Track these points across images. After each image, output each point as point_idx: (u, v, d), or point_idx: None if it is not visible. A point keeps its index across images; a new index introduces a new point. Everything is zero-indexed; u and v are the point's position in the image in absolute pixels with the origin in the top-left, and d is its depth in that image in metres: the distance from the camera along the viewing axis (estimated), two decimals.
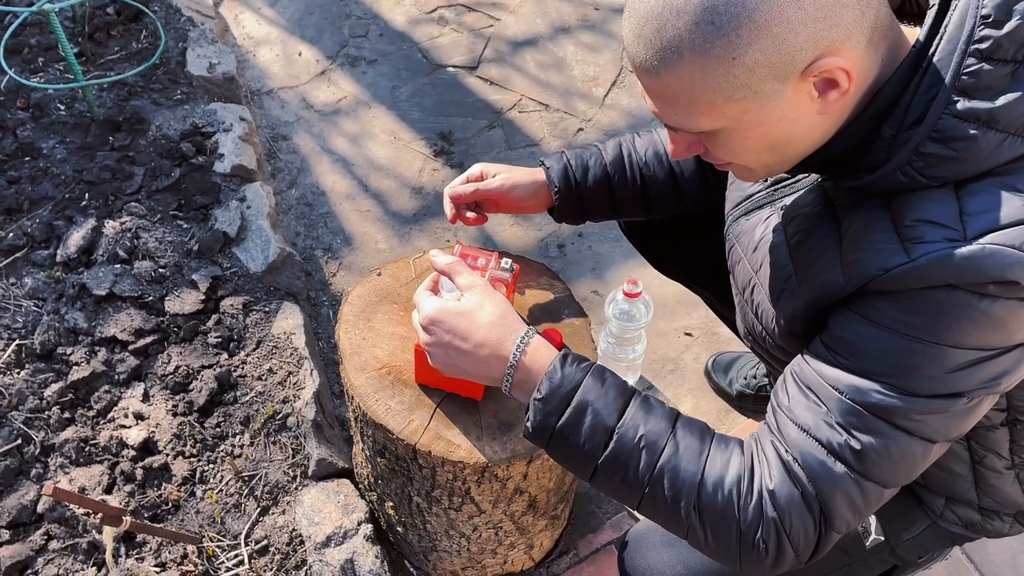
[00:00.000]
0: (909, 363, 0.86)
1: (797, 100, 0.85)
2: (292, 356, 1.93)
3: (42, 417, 1.76)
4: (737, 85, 0.83)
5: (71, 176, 2.22)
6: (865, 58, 0.84)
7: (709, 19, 0.79)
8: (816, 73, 0.82)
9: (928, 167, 0.84)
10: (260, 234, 2.16)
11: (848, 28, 0.80)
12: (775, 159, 0.95)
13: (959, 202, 0.83)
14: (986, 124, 0.81)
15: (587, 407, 0.97)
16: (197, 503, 1.70)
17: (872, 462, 0.89)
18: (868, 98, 0.88)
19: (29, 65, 2.52)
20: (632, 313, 1.94)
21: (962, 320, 0.83)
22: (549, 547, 1.79)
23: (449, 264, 1.13)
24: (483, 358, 1.05)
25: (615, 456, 0.96)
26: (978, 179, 0.83)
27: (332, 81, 2.97)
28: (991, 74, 0.80)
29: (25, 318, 1.93)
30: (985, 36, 0.80)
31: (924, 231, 0.83)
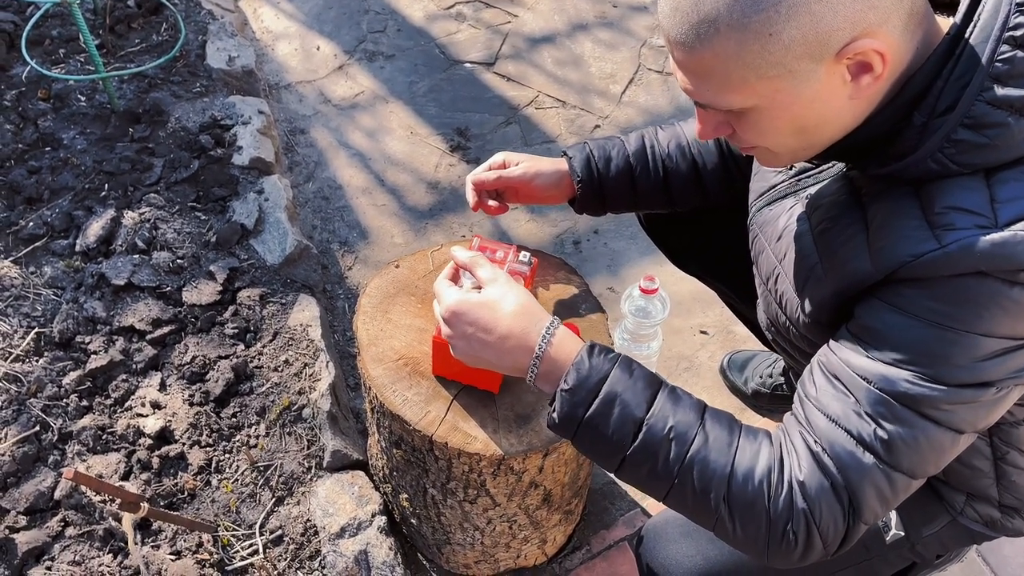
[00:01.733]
0: (939, 352, 0.85)
1: (830, 82, 0.84)
2: (308, 348, 1.93)
3: (60, 405, 1.78)
4: (772, 63, 0.82)
5: (91, 167, 2.24)
6: (900, 43, 0.83)
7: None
8: (851, 55, 0.81)
9: (959, 154, 0.84)
10: (277, 227, 2.17)
11: (886, 11, 0.80)
12: (802, 144, 0.94)
13: (990, 190, 0.83)
14: (1019, 111, 0.81)
15: (616, 398, 0.96)
16: (213, 492, 1.71)
17: (901, 452, 0.88)
18: (900, 85, 0.87)
19: (50, 56, 2.54)
20: (648, 309, 1.93)
21: (992, 308, 0.82)
22: (562, 542, 1.79)
23: (470, 258, 1.13)
24: (508, 349, 1.03)
25: (644, 447, 0.95)
26: (1009, 167, 0.83)
27: (350, 76, 2.97)
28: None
29: (44, 306, 1.94)
30: (1021, 23, 0.80)
31: (954, 218, 0.83)
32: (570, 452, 1.43)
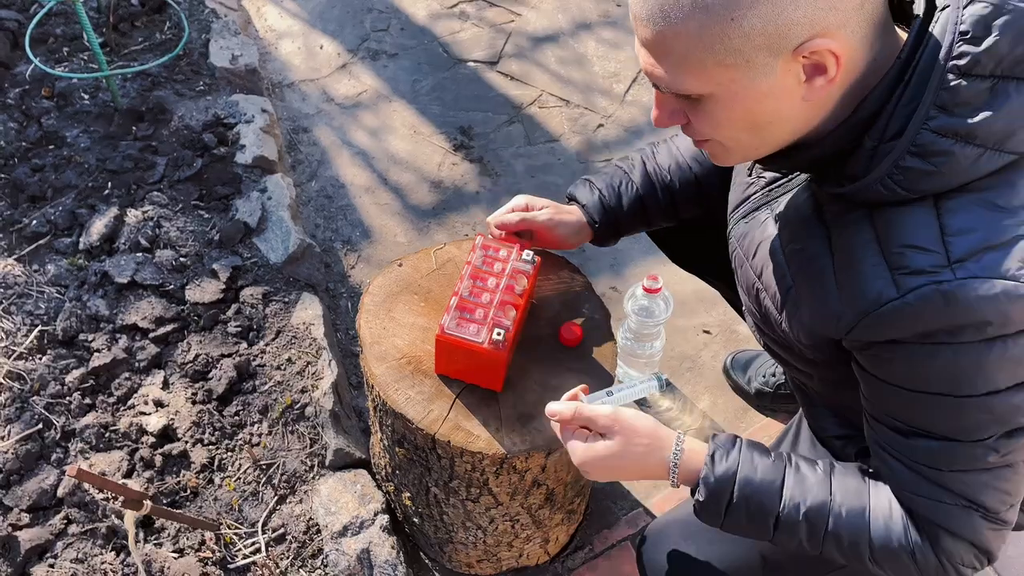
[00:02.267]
0: (958, 422, 0.92)
1: (785, 79, 0.85)
2: (311, 346, 1.93)
3: (63, 402, 1.78)
4: (731, 49, 0.83)
5: (94, 165, 2.24)
6: (857, 50, 0.84)
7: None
8: (807, 53, 0.82)
9: (908, 180, 0.86)
10: (280, 225, 2.17)
11: (846, 15, 0.81)
12: (753, 140, 0.95)
13: (940, 220, 0.85)
14: (964, 139, 0.82)
15: (746, 501, 1.03)
16: (215, 490, 1.71)
17: (995, 500, 0.95)
18: (853, 102, 0.89)
19: (54, 54, 2.54)
20: (651, 309, 1.93)
21: (982, 370, 0.86)
22: (565, 542, 1.79)
23: (574, 412, 1.12)
24: (647, 476, 1.12)
25: (783, 532, 1.04)
26: (958, 192, 0.85)
27: (353, 74, 2.97)
28: (969, 90, 0.81)
29: (48, 304, 1.94)
30: (963, 52, 0.81)
31: (910, 258, 0.86)
32: None
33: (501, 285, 1.35)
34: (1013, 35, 0.80)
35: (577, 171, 2.67)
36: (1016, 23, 0.80)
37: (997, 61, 0.81)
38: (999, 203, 0.84)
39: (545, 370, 1.41)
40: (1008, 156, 0.83)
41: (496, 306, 1.32)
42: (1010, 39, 0.80)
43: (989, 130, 0.81)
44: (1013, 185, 0.85)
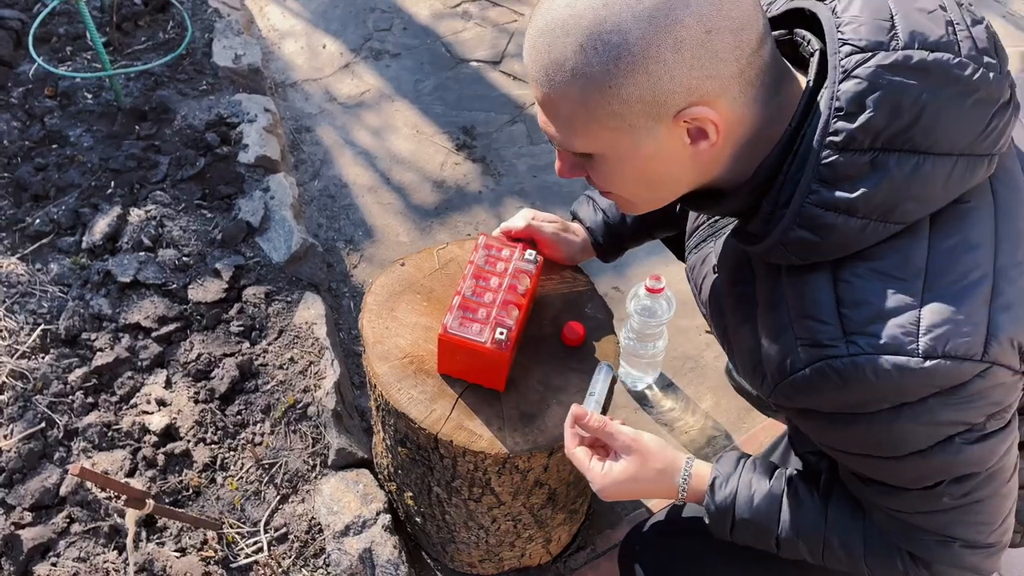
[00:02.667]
0: (898, 476, 0.94)
1: (670, 142, 0.86)
2: (313, 346, 1.93)
3: (66, 401, 1.78)
4: (612, 113, 0.84)
5: (97, 164, 2.24)
6: (741, 114, 0.85)
7: (592, 44, 0.80)
8: (688, 119, 0.83)
9: (798, 249, 0.87)
10: (283, 225, 2.17)
11: (724, 83, 0.82)
12: (652, 195, 0.97)
13: (836, 289, 0.86)
14: (846, 212, 0.82)
15: (745, 524, 1.09)
16: (217, 490, 1.71)
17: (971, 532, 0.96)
18: (755, 158, 0.89)
19: (57, 54, 2.55)
20: (654, 309, 1.93)
21: (898, 435, 0.88)
22: (567, 541, 1.79)
23: (599, 425, 1.16)
24: (658, 495, 1.18)
25: (786, 550, 1.09)
26: (853, 260, 0.86)
27: (356, 74, 2.97)
28: (848, 165, 0.82)
29: (50, 303, 1.94)
30: (839, 129, 0.81)
31: (810, 329, 0.87)
32: None
33: (504, 285, 1.35)
34: (888, 110, 0.80)
35: None
36: (890, 98, 0.80)
37: (874, 136, 0.81)
38: (892, 273, 0.84)
39: (548, 370, 1.41)
40: (895, 226, 0.84)
41: (499, 306, 1.32)
42: (885, 114, 0.80)
43: (870, 203, 0.82)
44: (905, 253, 0.84)
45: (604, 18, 0.79)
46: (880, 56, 0.81)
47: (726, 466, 1.13)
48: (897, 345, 0.82)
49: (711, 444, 2.03)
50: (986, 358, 0.82)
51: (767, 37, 0.84)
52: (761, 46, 0.83)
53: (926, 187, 0.82)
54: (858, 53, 0.82)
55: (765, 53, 0.84)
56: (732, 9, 0.80)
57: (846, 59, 0.82)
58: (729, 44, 0.80)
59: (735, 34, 0.80)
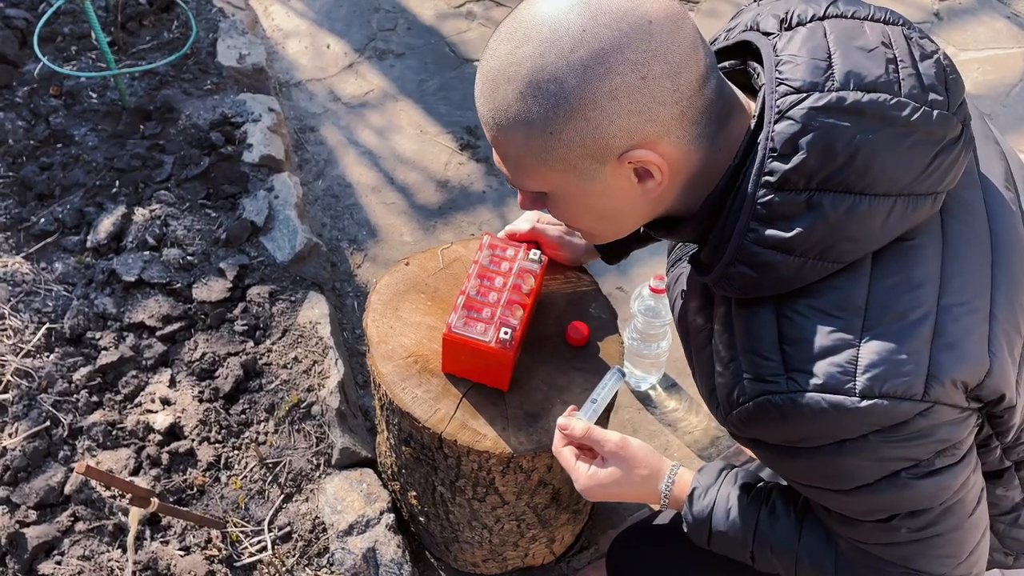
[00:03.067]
0: (851, 507, 0.93)
1: (617, 182, 0.87)
2: (317, 345, 1.93)
3: (70, 400, 1.78)
4: (556, 158, 0.85)
5: (102, 163, 2.25)
6: (690, 150, 0.86)
7: (532, 92, 0.82)
8: (631, 160, 0.84)
9: (740, 284, 0.87)
10: (287, 224, 2.17)
11: (665, 125, 0.82)
12: (609, 228, 0.99)
13: (779, 324, 0.86)
14: (783, 251, 0.82)
15: (720, 536, 1.10)
16: (221, 489, 1.71)
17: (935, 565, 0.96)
18: (704, 190, 0.89)
19: (62, 53, 2.55)
20: (658, 309, 1.93)
21: (843, 469, 0.88)
22: (570, 542, 1.79)
23: (584, 432, 1.16)
24: (641, 499, 1.18)
25: (759, 563, 1.10)
26: (796, 296, 0.85)
27: (360, 74, 2.98)
28: (783, 205, 0.82)
29: (55, 302, 1.95)
30: (774, 169, 0.81)
31: (754, 364, 0.87)
32: None
33: (508, 284, 1.35)
34: (821, 152, 0.80)
35: None
36: (823, 139, 0.80)
37: (808, 177, 0.81)
38: (831, 311, 0.83)
39: (552, 369, 1.41)
40: (834, 265, 0.83)
41: (503, 305, 1.32)
42: (818, 156, 0.80)
43: (807, 242, 0.82)
44: (846, 291, 0.84)
45: (541, 67, 0.81)
46: (814, 97, 0.81)
47: (707, 477, 1.14)
48: (834, 384, 0.82)
49: (714, 444, 2.03)
50: (927, 398, 0.81)
51: (710, 75, 0.85)
52: (703, 85, 0.83)
53: (863, 227, 0.82)
54: (793, 94, 0.82)
55: (708, 91, 0.84)
56: (668, 54, 0.80)
57: (781, 99, 0.82)
58: (667, 88, 0.81)
59: (672, 78, 0.81)
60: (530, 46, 0.81)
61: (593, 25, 0.79)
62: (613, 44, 0.79)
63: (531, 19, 0.82)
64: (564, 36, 0.80)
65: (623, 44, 0.79)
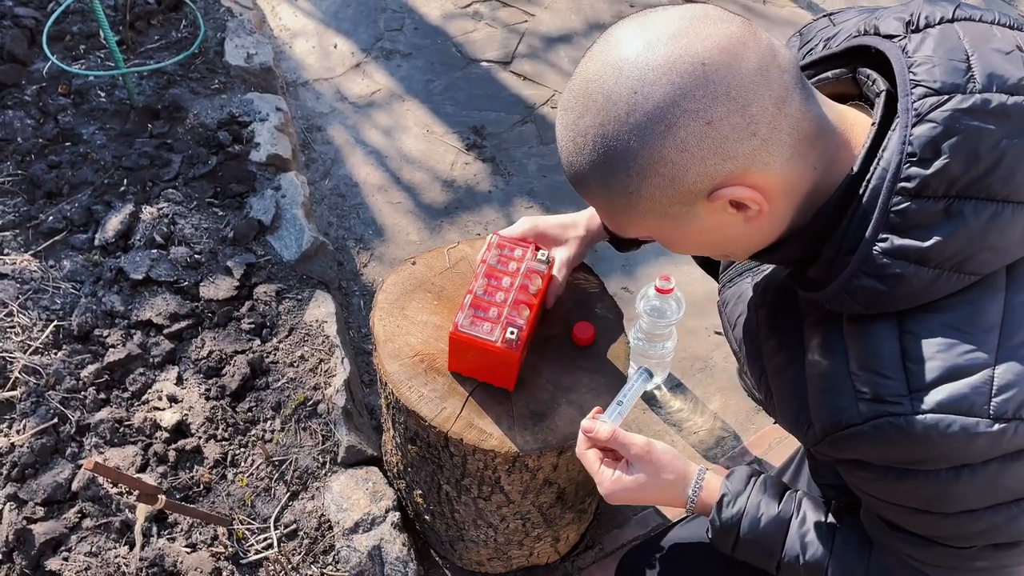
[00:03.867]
0: (939, 531, 0.90)
1: (714, 216, 0.84)
2: (324, 344, 1.94)
3: (78, 397, 1.79)
4: (644, 210, 0.84)
5: (110, 162, 2.26)
6: (785, 174, 0.82)
7: (602, 160, 0.81)
8: (721, 198, 0.81)
9: (863, 299, 0.83)
10: (294, 223, 2.18)
11: (747, 158, 0.79)
12: (727, 251, 0.95)
13: (902, 342, 0.82)
14: (917, 262, 0.78)
15: (748, 544, 1.09)
16: (228, 486, 1.72)
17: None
18: (811, 206, 0.86)
19: (71, 52, 2.56)
20: (663, 309, 1.93)
21: (952, 494, 0.84)
22: (575, 541, 1.79)
23: (611, 437, 1.14)
24: (666, 504, 1.18)
25: (784, 572, 1.09)
26: (922, 311, 0.82)
27: (367, 74, 2.98)
28: (921, 212, 0.78)
29: (63, 300, 1.96)
30: (912, 175, 0.77)
31: (871, 383, 0.83)
32: None
33: (515, 284, 1.35)
34: (965, 156, 0.76)
35: None
36: (968, 143, 0.76)
37: (949, 183, 0.77)
38: (963, 327, 0.80)
39: (558, 369, 1.42)
40: (969, 277, 0.80)
41: (510, 305, 1.32)
42: (962, 161, 0.76)
43: (944, 252, 0.78)
44: (977, 307, 0.80)
45: (603, 135, 0.80)
46: (957, 99, 0.77)
47: (736, 483, 1.12)
48: (967, 405, 0.78)
49: (720, 445, 2.03)
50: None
51: (790, 93, 0.80)
52: (783, 106, 0.79)
53: (1004, 236, 0.78)
54: (933, 95, 0.78)
55: (792, 110, 0.80)
56: (730, 90, 0.76)
57: (919, 101, 0.78)
58: (738, 124, 0.77)
59: (742, 113, 0.77)
60: (590, 116, 0.81)
61: (643, 85, 0.77)
62: (668, 99, 0.76)
63: (586, 87, 0.81)
64: (619, 102, 0.78)
65: (679, 96, 0.76)
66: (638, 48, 0.78)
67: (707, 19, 0.79)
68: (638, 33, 0.79)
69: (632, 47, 0.79)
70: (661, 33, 0.78)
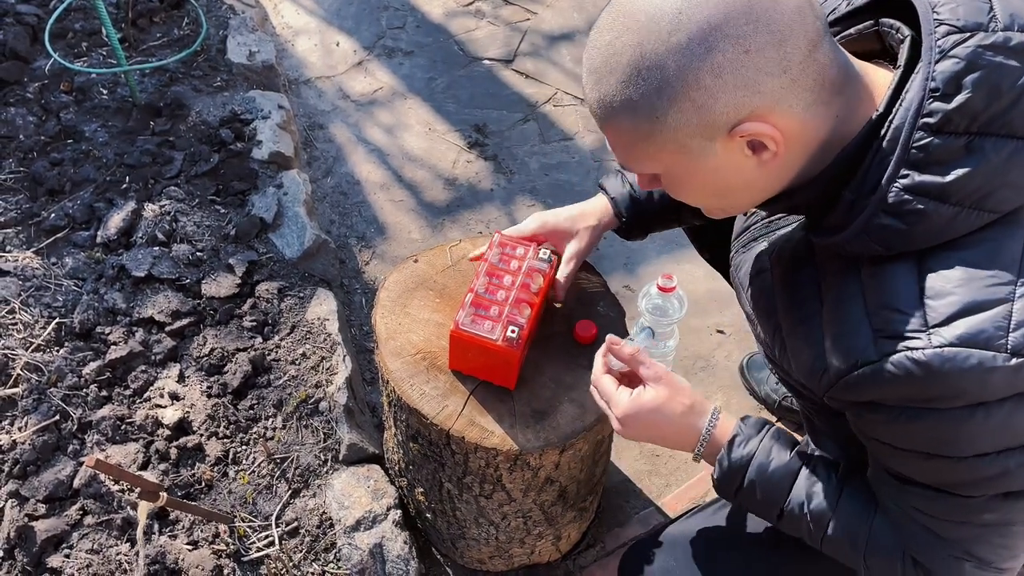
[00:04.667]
0: (949, 477, 0.90)
1: (730, 156, 0.86)
2: (325, 342, 1.94)
3: (80, 394, 1.79)
4: (665, 140, 0.85)
5: (112, 159, 2.26)
6: (805, 120, 0.83)
7: (634, 80, 0.82)
8: (743, 134, 0.82)
9: (883, 238, 0.84)
10: (296, 221, 2.18)
11: (774, 95, 0.80)
12: (726, 203, 0.97)
13: (920, 279, 0.83)
14: (937, 198, 0.79)
15: (754, 488, 1.07)
16: (229, 484, 1.72)
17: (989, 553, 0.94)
18: (828, 155, 0.87)
19: (73, 49, 2.56)
20: (665, 308, 1.92)
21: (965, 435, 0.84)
22: (576, 539, 1.79)
23: (631, 355, 1.14)
24: (677, 440, 1.13)
25: (787, 522, 1.08)
26: (941, 249, 0.82)
27: (369, 72, 2.98)
28: (942, 148, 0.79)
29: (65, 297, 1.96)
30: (934, 110, 0.79)
31: (889, 320, 0.84)
32: (586, 449, 1.43)
33: (517, 283, 1.35)
34: (987, 91, 0.78)
35: (591, 169, 2.67)
36: (989, 79, 0.78)
37: (971, 118, 0.78)
38: (983, 264, 0.81)
39: (559, 367, 1.42)
40: (988, 215, 0.81)
41: (511, 304, 1.32)
42: (983, 96, 0.78)
43: (964, 189, 0.79)
44: (997, 244, 0.82)
45: (641, 55, 0.81)
46: (980, 36, 0.79)
47: (750, 427, 1.10)
48: (984, 339, 0.78)
49: None
50: None
51: (821, 40, 0.82)
52: (814, 50, 0.81)
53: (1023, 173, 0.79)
54: (956, 33, 0.79)
55: (821, 56, 0.81)
56: (771, 23, 0.78)
57: (943, 39, 0.80)
58: (773, 59, 0.79)
59: (778, 47, 0.79)
60: (629, 35, 0.81)
61: (688, 6, 0.78)
62: (711, 22, 0.78)
63: (628, 6, 0.82)
64: (661, 20, 0.79)
65: (722, 20, 0.78)
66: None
67: None
68: None
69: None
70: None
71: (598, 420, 1.36)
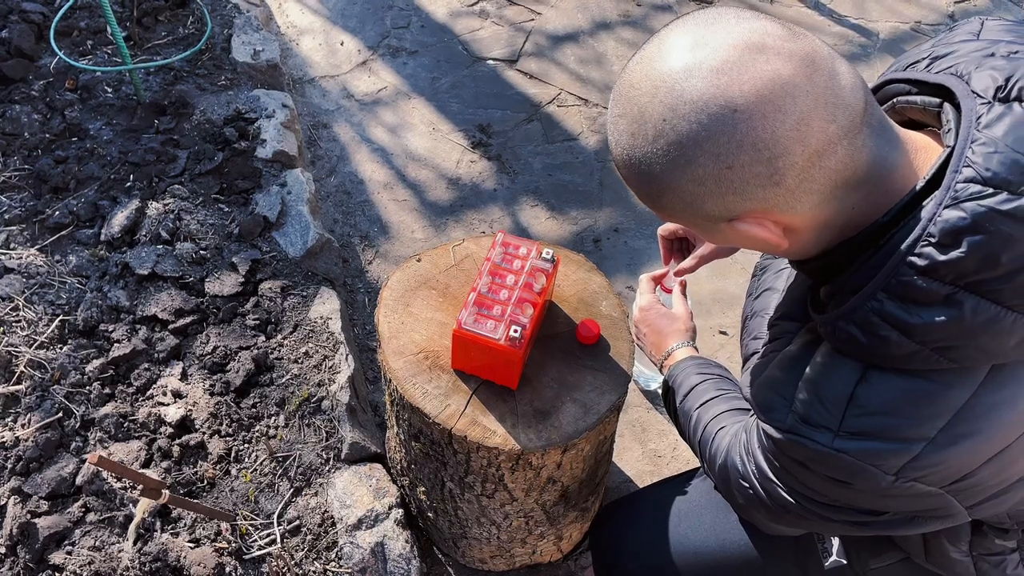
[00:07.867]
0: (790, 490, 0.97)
1: (737, 233, 0.83)
2: (328, 340, 1.94)
3: (83, 392, 1.79)
4: (669, 214, 0.85)
5: (117, 157, 2.26)
6: (815, 214, 0.80)
7: (629, 168, 0.83)
8: (743, 223, 0.81)
9: (843, 341, 0.82)
10: (299, 219, 2.18)
11: (769, 201, 0.77)
12: (769, 251, 0.94)
13: (856, 387, 0.82)
14: (903, 332, 0.77)
15: (674, 388, 1.32)
16: (232, 482, 1.72)
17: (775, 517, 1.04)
18: (837, 238, 0.84)
19: (78, 47, 2.57)
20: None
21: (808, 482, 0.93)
22: (578, 539, 1.79)
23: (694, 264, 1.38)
24: (656, 346, 1.41)
25: (681, 417, 1.30)
26: (892, 369, 0.81)
27: (373, 71, 2.98)
28: (923, 291, 0.75)
29: (69, 294, 1.96)
30: (925, 254, 0.74)
31: (809, 406, 0.86)
32: (588, 448, 1.43)
33: (520, 283, 1.35)
34: (982, 257, 0.72)
35: (595, 170, 2.67)
36: (990, 245, 0.71)
37: (958, 275, 0.73)
38: (920, 402, 0.79)
39: (562, 367, 1.42)
40: (949, 363, 0.77)
41: (514, 303, 1.32)
42: (978, 260, 0.72)
43: (930, 335, 0.75)
44: (945, 389, 0.79)
45: (632, 147, 0.80)
46: (1000, 198, 0.71)
47: (695, 356, 1.35)
48: (879, 461, 0.82)
49: None
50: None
51: (836, 144, 0.75)
52: (821, 159, 0.75)
53: (997, 341, 0.75)
54: (978, 184, 0.73)
55: (832, 162, 0.76)
56: (757, 142, 0.74)
57: (962, 185, 0.73)
58: (761, 173, 0.75)
59: (767, 163, 0.74)
60: (624, 121, 0.81)
61: (672, 116, 0.76)
62: (691, 137, 0.75)
63: (628, 92, 0.80)
64: (647, 123, 0.78)
65: (702, 137, 0.74)
66: (679, 71, 0.76)
67: (762, 52, 0.74)
68: (688, 51, 0.76)
69: (676, 65, 0.76)
70: (707, 61, 0.74)
71: (600, 420, 1.36)
